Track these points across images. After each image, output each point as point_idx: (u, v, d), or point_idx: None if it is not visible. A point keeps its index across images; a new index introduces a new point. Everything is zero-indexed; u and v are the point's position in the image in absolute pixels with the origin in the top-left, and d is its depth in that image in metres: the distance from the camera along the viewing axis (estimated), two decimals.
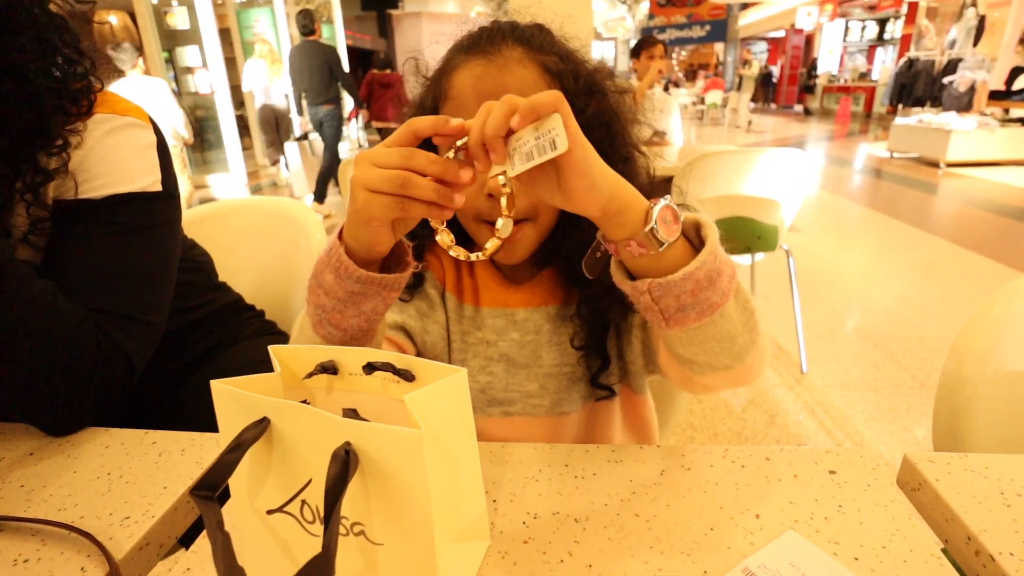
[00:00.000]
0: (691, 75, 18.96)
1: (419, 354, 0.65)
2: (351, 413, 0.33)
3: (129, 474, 0.53)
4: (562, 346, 0.62)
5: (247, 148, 7.15)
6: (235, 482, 0.37)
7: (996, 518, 0.43)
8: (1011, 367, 0.70)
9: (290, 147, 5.20)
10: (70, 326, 0.60)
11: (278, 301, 1.03)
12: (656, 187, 0.60)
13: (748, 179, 1.95)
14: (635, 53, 2.97)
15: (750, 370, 0.49)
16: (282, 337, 0.97)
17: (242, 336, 0.91)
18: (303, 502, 0.34)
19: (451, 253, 0.43)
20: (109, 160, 0.65)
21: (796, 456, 0.51)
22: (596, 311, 0.59)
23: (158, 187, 0.68)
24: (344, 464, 0.29)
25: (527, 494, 0.47)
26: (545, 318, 0.62)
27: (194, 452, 0.55)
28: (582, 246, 0.52)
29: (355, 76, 6.15)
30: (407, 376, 0.35)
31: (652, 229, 0.39)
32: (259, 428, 0.32)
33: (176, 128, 4.11)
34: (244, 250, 1.04)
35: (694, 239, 0.43)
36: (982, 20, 9.04)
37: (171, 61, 6.39)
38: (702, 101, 13.00)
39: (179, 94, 6.43)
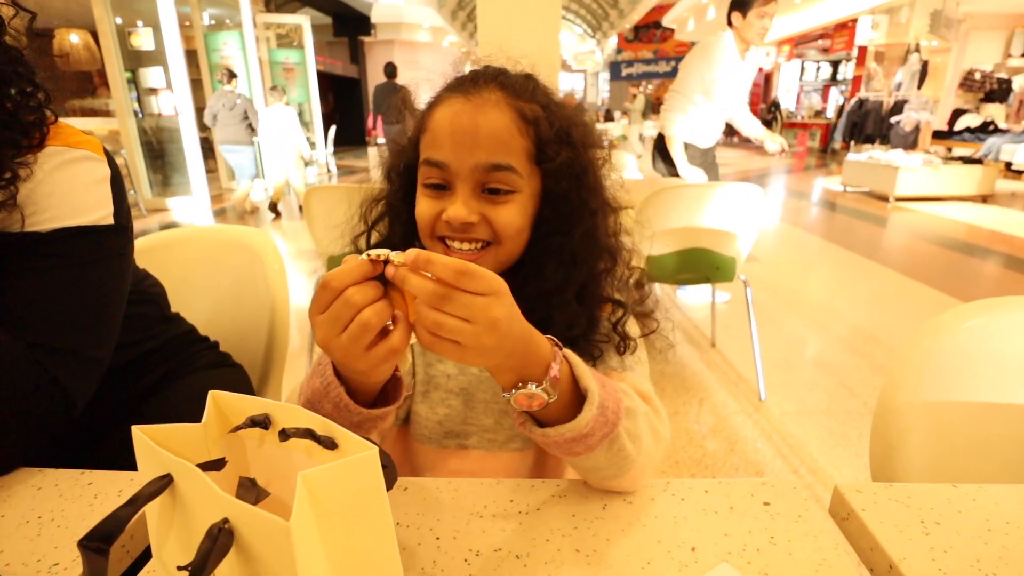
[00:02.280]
0: (656, 107, 19.63)
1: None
2: (248, 482, 0.32)
3: (61, 517, 0.51)
4: None
5: (211, 171, 7.03)
6: (151, 530, 0.36)
7: (915, 547, 0.46)
8: (938, 398, 0.74)
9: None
10: (7, 361, 0.58)
11: (233, 332, 1.01)
12: (617, 245, 0.61)
13: (706, 212, 2.02)
14: (741, 5, 2.55)
15: (618, 487, 0.52)
16: (236, 369, 0.95)
17: (194, 368, 0.89)
18: None
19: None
20: (59, 193, 0.64)
21: (733, 488, 0.53)
22: None
23: (110, 220, 0.68)
24: (213, 543, 0.28)
25: (470, 531, 0.47)
26: None
27: (132, 493, 0.54)
28: (543, 294, 0.55)
29: (325, 100, 6.16)
30: (328, 444, 0.35)
31: (508, 398, 0.44)
32: (160, 484, 0.31)
33: (300, 149, 5.49)
34: (198, 279, 1.02)
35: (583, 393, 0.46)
36: (925, 65, 9.69)
37: (134, 82, 6.29)
38: None
39: (141, 115, 6.32)
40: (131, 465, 0.57)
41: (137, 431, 0.34)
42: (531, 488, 0.53)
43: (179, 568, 0.30)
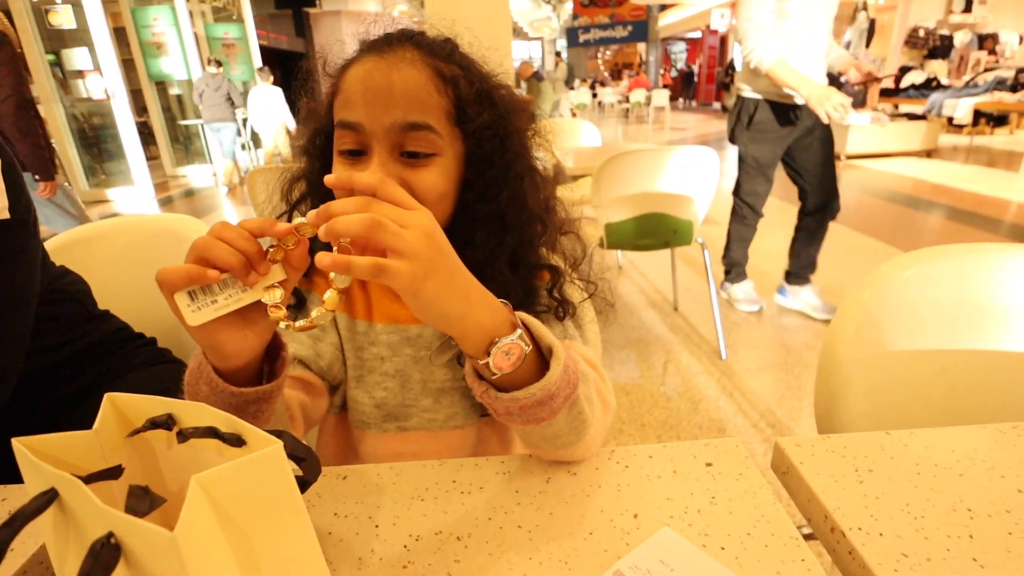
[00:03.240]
0: (616, 74, 19.53)
1: (322, 379, 0.63)
2: (140, 490, 0.30)
3: None
4: (453, 361, 0.62)
5: (153, 157, 6.67)
6: (50, 553, 0.34)
7: (849, 495, 0.47)
8: (878, 349, 0.76)
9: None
10: None
11: (170, 326, 0.96)
12: (549, 211, 0.59)
13: (662, 176, 2.02)
14: None
15: (571, 456, 0.52)
16: (175, 366, 0.91)
17: (129, 367, 0.84)
18: None
19: (280, 325, 0.41)
20: None
21: (676, 451, 0.53)
22: None
23: (4, 214, 0.62)
24: (95, 559, 0.26)
25: (411, 515, 0.46)
26: (437, 334, 0.62)
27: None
28: (475, 264, 0.52)
29: (275, 77, 5.93)
30: (234, 441, 0.32)
31: (486, 363, 0.42)
32: (42, 500, 0.29)
33: (287, 123, 5.81)
34: (128, 273, 0.97)
35: (547, 356, 0.45)
36: (872, 23, 9.86)
37: (58, 64, 5.86)
38: (627, 100, 13.42)
39: (67, 102, 5.92)
40: None
41: (17, 443, 0.31)
42: (475, 467, 0.52)
43: None
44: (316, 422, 0.63)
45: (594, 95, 14.93)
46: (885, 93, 8.92)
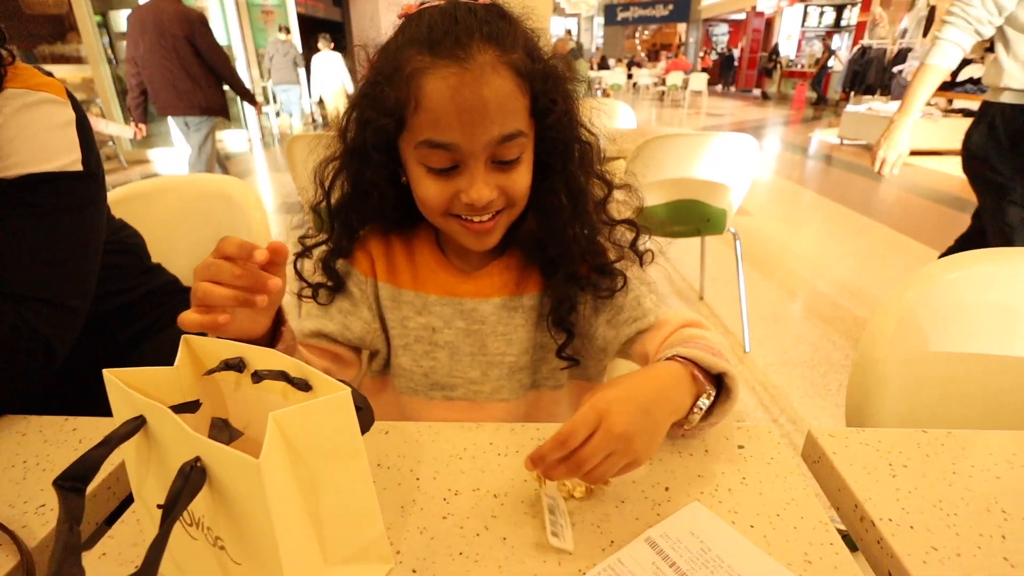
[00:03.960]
0: (653, 55, 19.02)
1: (353, 349, 0.66)
2: (220, 423, 0.32)
3: (47, 462, 0.51)
4: (507, 336, 0.63)
5: None
6: (130, 473, 0.37)
7: (881, 487, 0.47)
8: (917, 349, 0.75)
9: None
10: None
11: None
12: (604, 173, 0.61)
13: (699, 163, 1.99)
14: None
15: None
16: None
17: (176, 319, 0.89)
18: None
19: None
20: (23, 138, 0.61)
21: (708, 432, 0.54)
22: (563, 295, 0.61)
23: (78, 167, 0.65)
24: (186, 480, 0.28)
25: (450, 472, 0.48)
26: (492, 309, 0.63)
27: None
28: (556, 230, 0.57)
29: (307, 45, 6.04)
30: (302, 386, 0.35)
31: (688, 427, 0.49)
32: (132, 426, 0.31)
33: (346, 86, 6.25)
34: (180, 230, 1.00)
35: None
36: (932, 10, 9.36)
37: (105, 25, 5.97)
38: (663, 82, 13.11)
39: (114, 61, 6.04)
40: None
41: (108, 374, 0.34)
42: (511, 431, 0.54)
43: (158, 507, 0.31)
44: (354, 382, 0.65)
45: (629, 76, 14.60)
46: (940, 87, 8.52)
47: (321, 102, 6.99)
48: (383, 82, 0.52)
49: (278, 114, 8.00)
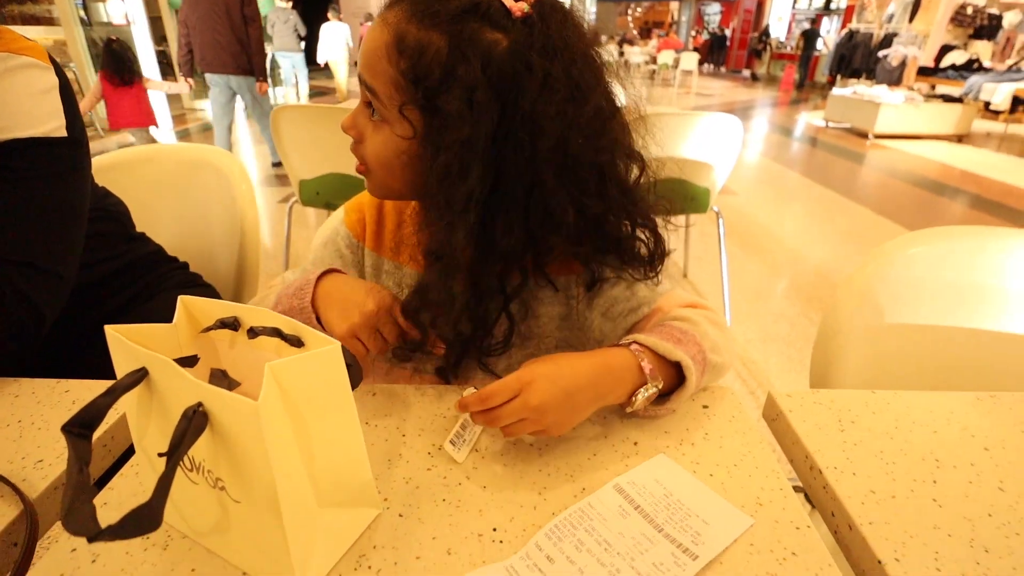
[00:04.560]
0: (645, 33, 18.81)
1: None
2: (219, 373, 0.35)
3: (41, 421, 0.53)
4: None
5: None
6: (131, 424, 0.39)
7: (830, 441, 0.52)
8: (877, 321, 0.79)
9: None
10: None
11: (202, 253, 1.01)
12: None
13: (684, 142, 2.01)
14: None
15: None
16: (207, 289, 0.96)
17: (163, 288, 0.90)
18: None
19: None
20: (4, 103, 0.61)
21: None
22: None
23: (62, 132, 0.66)
24: (189, 423, 0.31)
25: (434, 429, 0.52)
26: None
27: None
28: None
29: (305, 20, 5.91)
30: (294, 342, 0.37)
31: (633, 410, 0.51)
32: (136, 376, 0.34)
33: (348, 39, 6.96)
34: (164, 200, 1.01)
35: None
36: None
37: None
38: (654, 61, 13.01)
39: (88, 23, 5.85)
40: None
41: (111, 330, 0.36)
42: None
43: (160, 455, 0.33)
44: None
45: (620, 54, 14.45)
46: (923, 72, 8.60)
47: (327, 67, 7.49)
48: None
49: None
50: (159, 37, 6.19)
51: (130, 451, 0.50)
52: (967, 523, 0.43)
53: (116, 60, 3.15)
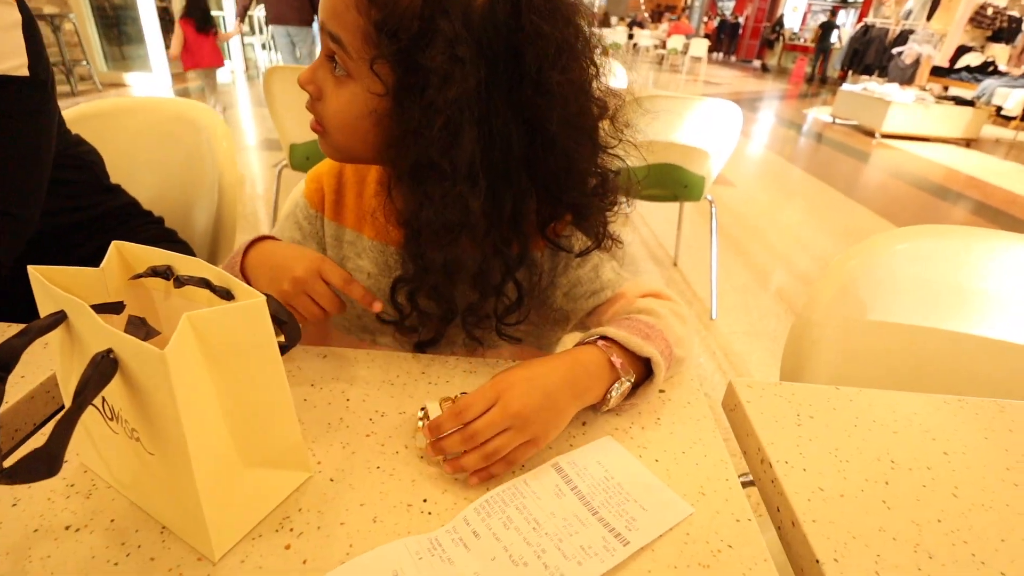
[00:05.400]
0: (657, 16, 18.45)
1: None
2: (138, 320, 0.33)
3: None
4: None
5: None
6: (56, 368, 0.38)
7: (785, 434, 0.51)
8: (853, 316, 0.78)
9: None
10: None
11: (179, 209, 0.99)
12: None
13: (681, 127, 1.98)
14: None
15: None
16: (181, 246, 0.94)
17: (137, 241, 0.87)
18: (103, 398, 0.35)
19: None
20: None
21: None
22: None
23: (24, 72, 0.63)
24: (95, 368, 0.30)
25: (379, 395, 0.50)
26: None
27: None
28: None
29: None
30: (224, 294, 0.36)
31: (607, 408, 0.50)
32: (52, 319, 0.32)
33: None
34: (143, 154, 0.98)
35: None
36: None
37: None
38: (663, 45, 12.79)
39: None
40: None
41: (32, 270, 0.34)
42: (443, 363, 0.56)
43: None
44: None
45: (630, 36, 14.20)
46: (937, 72, 8.48)
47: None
48: None
49: (264, 46, 7.74)
50: None
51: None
52: (914, 527, 0.42)
53: (201, 12, 3.85)
